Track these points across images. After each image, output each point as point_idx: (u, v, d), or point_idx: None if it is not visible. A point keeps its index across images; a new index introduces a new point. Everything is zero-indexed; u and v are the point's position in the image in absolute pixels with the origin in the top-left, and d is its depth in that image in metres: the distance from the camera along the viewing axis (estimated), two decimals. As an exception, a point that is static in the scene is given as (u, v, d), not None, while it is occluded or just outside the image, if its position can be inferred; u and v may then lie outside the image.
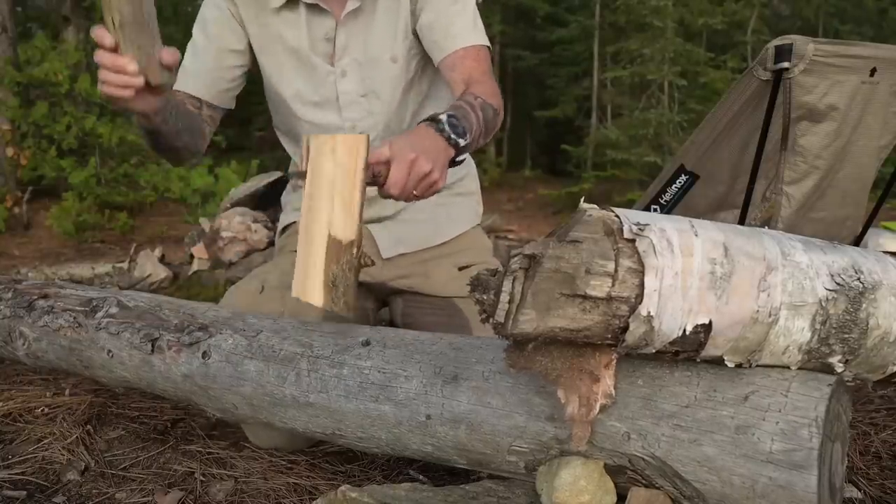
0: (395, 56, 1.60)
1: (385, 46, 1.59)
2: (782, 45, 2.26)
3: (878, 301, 0.92)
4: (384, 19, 1.58)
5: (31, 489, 1.36)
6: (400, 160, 1.21)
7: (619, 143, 8.39)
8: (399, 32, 1.59)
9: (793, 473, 0.86)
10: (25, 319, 1.58)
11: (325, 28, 1.58)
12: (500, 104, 1.49)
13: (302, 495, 1.33)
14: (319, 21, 1.58)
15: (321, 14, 1.57)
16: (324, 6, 1.56)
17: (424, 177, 1.22)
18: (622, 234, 0.85)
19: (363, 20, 1.58)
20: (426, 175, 1.22)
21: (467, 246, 1.76)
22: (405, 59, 1.61)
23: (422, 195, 1.25)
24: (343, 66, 1.60)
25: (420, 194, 1.25)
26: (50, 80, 6.09)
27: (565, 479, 0.97)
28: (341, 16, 1.57)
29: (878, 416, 1.63)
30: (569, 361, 0.92)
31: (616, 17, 9.46)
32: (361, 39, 1.59)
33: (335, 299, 1.20)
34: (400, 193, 1.22)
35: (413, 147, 1.22)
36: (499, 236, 5.71)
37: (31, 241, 5.88)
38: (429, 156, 1.23)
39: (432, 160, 1.23)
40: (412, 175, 1.21)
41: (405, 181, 1.21)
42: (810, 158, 2.44)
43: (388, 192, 1.23)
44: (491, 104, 1.44)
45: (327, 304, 1.19)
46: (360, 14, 1.57)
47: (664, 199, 2.72)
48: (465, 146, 1.31)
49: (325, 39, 1.59)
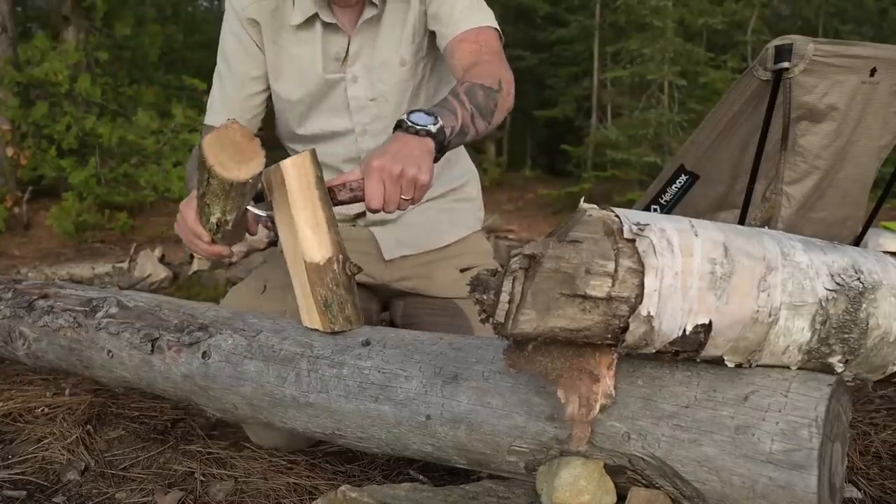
0: (403, 59, 1.60)
1: (393, 50, 1.59)
2: (782, 45, 2.26)
3: (878, 301, 0.92)
4: (392, 23, 1.59)
5: (31, 489, 1.36)
6: (369, 173, 1.19)
7: (619, 143, 8.38)
8: (406, 36, 1.59)
9: (793, 473, 0.86)
10: (25, 319, 1.58)
11: (337, 46, 1.60)
12: (504, 81, 1.43)
13: (302, 495, 1.33)
14: (333, 38, 1.59)
15: (336, 32, 1.59)
16: (339, 24, 1.58)
17: (401, 178, 1.19)
18: (622, 234, 0.85)
19: (374, 26, 1.59)
20: (401, 175, 1.19)
21: (469, 249, 1.77)
22: (413, 61, 1.61)
23: (413, 198, 1.22)
24: (354, 72, 1.61)
25: (410, 197, 1.22)
26: (50, 80, 6.08)
27: (565, 479, 0.97)
28: (356, 26, 1.58)
29: (878, 416, 1.63)
30: (569, 361, 0.92)
31: (616, 17, 9.45)
32: (371, 45, 1.60)
33: (333, 319, 1.23)
34: (383, 205, 1.20)
35: (381, 157, 1.20)
36: (499, 236, 5.72)
37: (31, 241, 5.88)
38: (399, 157, 1.20)
39: (403, 160, 1.19)
40: (388, 183, 1.19)
41: (382, 191, 1.19)
42: (810, 158, 2.44)
43: (371, 207, 1.21)
44: (481, 84, 1.38)
45: (327, 327, 1.23)
46: (372, 22, 1.59)
47: (664, 199, 2.71)
48: (439, 130, 1.26)
49: (335, 59, 1.60)
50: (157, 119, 6.42)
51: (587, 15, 10.24)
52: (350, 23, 1.58)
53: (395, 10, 1.58)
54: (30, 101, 6.43)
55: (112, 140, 6.07)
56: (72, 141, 6.09)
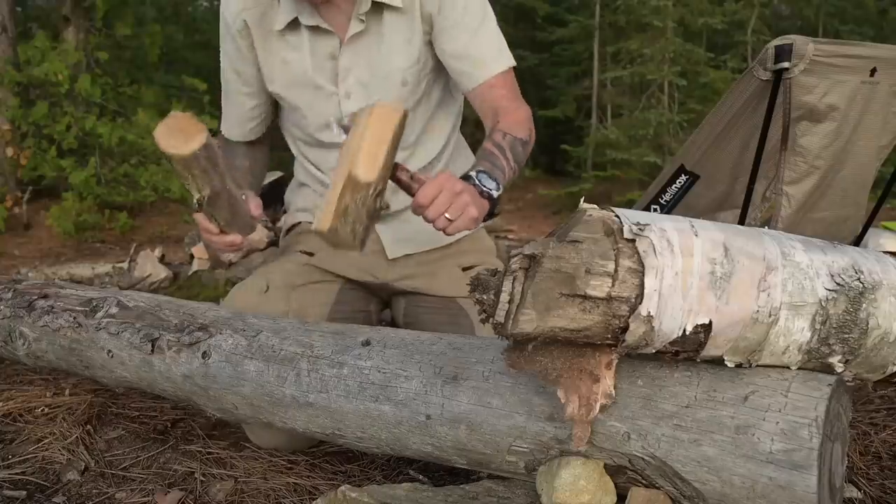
0: (404, 79, 1.59)
1: (393, 69, 1.58)
2: (782, 45, 2.26)
3: (878, 301, 0.92)
4: (393, 42, 1.57)
5: (31, 489, 1.36)
6: (432, 179, 1.27)
7: (619, 144, 8.38)
8: (410, 56, 1.58)
9: (793, 473, 0.86)
10: (25, 319, 1.58)
11: (328, 49, 1.57)
12: (530, 130, 1.56)
13: (302, 495, 1.33)
14: (322, 42, 1.57)
15: (324, 35, 1.56)
16: (326, 27, 1.55)
17: (457, 197, 1.26)
18: (622, 234, 0.85)
19: (368, 43, 1.57)
20: (459, 195, 1.26)
21: (471, 248, 1.77)
22: (414, 81, 1.60)
23: (454, 221, 1.27)
24: (347, 88, 1.59)
25: (452, 216, 1.27)
26: (50, 80, 6.08)
27: (565, 479, 0.97)
28: (345, 38, 1.56)
29: (878, 416, 1.63)
30: (569, 361, 0.92)
31: (616, 17, 9.44)
32: (366, 62, 1.57)
33: (342, 226, 1.26)
34: (429, 205, 1.25)
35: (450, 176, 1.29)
36: (499, 236, 5.71)
37: (31, 241, 5.88)
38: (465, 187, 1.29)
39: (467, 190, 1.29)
40: (444, 193, 1.25)
41: (435, 195, 1.25)
42: (810, 158, 2.44)
43: (418, 202, 1.26)
44: (520, 139, 1.50)
45: (333, 226, 1.25)
46: (365, 36, 1.56)
47: (664, 199, 2.71)
48: (498, 197, 1.38)
49: (329, 59, 1.58)
50: (157, 119, 6.41)
51: (587, 15, 10.23)
52: (341, 25, 1.55)
53: (398, 30, 1.56)
54: (30, 101, 6.42)
55: (112, 140, 6.07)
56: (72, 141, 6.09)
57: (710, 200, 2.71)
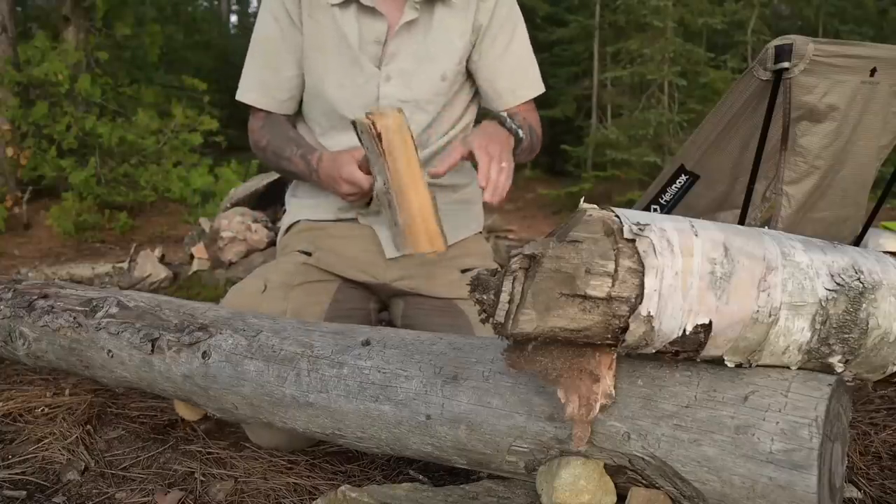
0: (444, 74, 1.64)
1: (438, 62, 1.62)
2: (782, 45, 2.26)
3: (878, 301, 0.92)
4: (441, 37, 1.62)
5: (31, 489, 1.36)
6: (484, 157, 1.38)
7: (619, 143, 8.37)
8: (454, 54, 1.63)
9: (793, 473, 0.86)
10: (25, 319, 1.58)
11: (376, 32, 1.61)
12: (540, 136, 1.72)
13: (302, 495, 1.33)
14: (372, 23, 1.60)
15: (375, 17, 1.60)
16: (379, 9, 1.59)
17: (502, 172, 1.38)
18: (622, 234, 0.85)
19: (418, 32, 1.61)
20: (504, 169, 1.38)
21: (470, 251, 1.77)
22: (452, 78, 1.66)
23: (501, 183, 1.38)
24: (388, 72, 1.62)
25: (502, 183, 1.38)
26: (50, 80, 6.07)
27: (565, 479, 0.97)
28: (397, 24, 1.59)
29: (878, 416, 1.63)
30: (569, 361, 0.92)
31: (616, 17, 9.44)
32: (412, 51, 1.62)
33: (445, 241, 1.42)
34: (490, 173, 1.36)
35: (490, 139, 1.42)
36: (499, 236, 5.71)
37: (31, 241, 5.88)
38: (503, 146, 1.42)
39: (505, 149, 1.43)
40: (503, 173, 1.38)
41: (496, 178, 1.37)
42: (810, 158, 2.44)
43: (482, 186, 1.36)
44: (536, 132, 1.67)
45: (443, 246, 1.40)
46: (416, 25, 1.60)
47: (664, 199, 2.71)
48: (521, 138, 1.52)
49: (374, 42, 1.61)
50: (157, 119, 6.42)
51: (587, 15, 10.23)
52: (394, 10, 1.60)
53: (448, 26, 1.62)
54: (30, 101, 6.42)
55: (112, 140, 6.07)
56: (72, 141, 6.09)
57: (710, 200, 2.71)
